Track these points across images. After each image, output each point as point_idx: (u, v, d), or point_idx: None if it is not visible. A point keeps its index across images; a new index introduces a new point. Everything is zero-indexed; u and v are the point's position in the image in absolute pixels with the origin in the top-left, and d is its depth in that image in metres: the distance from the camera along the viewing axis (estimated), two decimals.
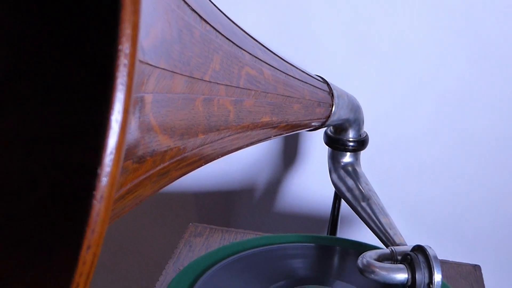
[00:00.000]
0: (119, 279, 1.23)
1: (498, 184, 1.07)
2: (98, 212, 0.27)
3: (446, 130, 1.08)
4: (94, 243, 0.27)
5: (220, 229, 0.95)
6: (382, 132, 1.08)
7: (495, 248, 1.07)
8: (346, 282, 0.83)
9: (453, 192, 1.10)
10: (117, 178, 0.29)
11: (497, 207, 1.07)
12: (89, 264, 0.27)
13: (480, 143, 1.07)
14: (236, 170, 1.14)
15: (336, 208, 0.99)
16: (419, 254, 0.76)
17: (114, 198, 0.48)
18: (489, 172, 1.08)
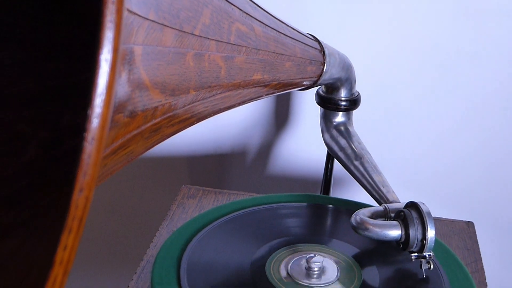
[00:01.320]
0: (113, 243, 1.23)
1: (490, 140, 1.07)
2: (89, 154, 0.27)
3: (436, 86, 1.07)
4: (87, 186, 0.27)
5: (213, 190, 0.95)
6: (374, 90, 1.08)
7: (487, 205, 1.08)
8: (341, 240, 0.83)
9: (444, 149, 1.10)
10: (108, 120, 0.28)
11: (489, 163, 1.08)
12: (81, 208, 0.27)
13: (471, 97, 1.06)
14: (228, 133, 1.13)
15: (329, 168, 0.99)
16: (412, 210, 0.76)
17: (106, 153, 0.47)
18: (481, 128, 1.08)
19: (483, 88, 1.06)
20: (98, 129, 0.27)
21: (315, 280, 0.75)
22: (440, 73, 1.07)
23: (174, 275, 0.74)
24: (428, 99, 1.08)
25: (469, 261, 0.83)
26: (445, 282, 0.76)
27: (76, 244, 0.28)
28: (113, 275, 1.26)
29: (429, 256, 0.75)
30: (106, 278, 1.27)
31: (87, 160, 0.26)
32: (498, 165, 1.08)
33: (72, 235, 0.27)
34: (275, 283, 0.74)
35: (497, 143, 1.07)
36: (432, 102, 1.08)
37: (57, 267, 0.27)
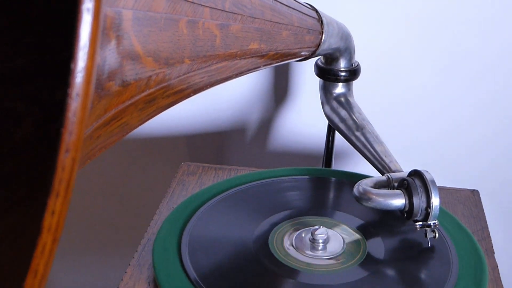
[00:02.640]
0: (113, 222, 1.22)
1: (494, 108, 1.05)
2: (74, 112, 0.25)
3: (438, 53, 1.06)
4: (73, 146, 0.26)
5: (213, 167, 0.94)
6: (374, 60, 1.06)
7: (492, 173, 1.06)
8: (344, 212, 0.81)
9: (447, 117, 1.08)
10: (93, 75, 0.27)
11: (494, 131, 1.06)
12: (68, 170, 0.26)
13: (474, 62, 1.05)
14: (227, 110, 1.12)
15: (330, 140, 0.97)
16: (416, 179, 0.75)
17: (99, 124, 0.46)
18: (485, 95, 1.06)
19: (487, 55, 1.04)
20: (83, 85, 0.26)
21: (320, 252, 0.74)
22: (443, 41, 1.05)
23: (176, 252, 0.73)
24: (430, 66, 1.07)
25: (475, 229, 0.81)
26: (451, 250, 0.74)
27: (64, 209, 0.27)
28: (114, 254, 1.25)
29: (434, 225, 0.74)
30: (107, 257, 1.26)
31: (72, 119, 0.25)
32: (502, 133, 1.06)
33: (60, 200, 0.26)
34: (279, 256, 0.73)
35: (501, 111, 1.05)
36: (434, 69, 1.06)
37: (45, 234, 0.26)
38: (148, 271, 0.73)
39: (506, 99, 1.05)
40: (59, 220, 0.27)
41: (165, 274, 0.70)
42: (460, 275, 0.71)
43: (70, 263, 1.28)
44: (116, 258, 1.26)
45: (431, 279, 0.71)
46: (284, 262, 0.72)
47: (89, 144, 0.45)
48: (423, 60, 1.06)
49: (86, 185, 1.19)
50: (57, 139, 0.25)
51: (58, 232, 0.27)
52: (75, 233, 1.24)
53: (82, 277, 1.28)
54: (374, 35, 1.06)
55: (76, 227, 1.24)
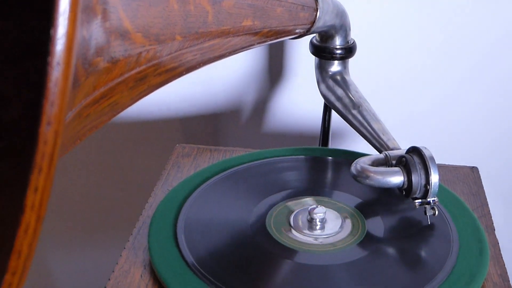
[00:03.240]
0: (108, 206, 1.20)
1: (493, 85, 1.04)
2: (56, 81, 0.24)
3: (435, 29, 1.04)
4: (55, 118, 0.24)
5: (208, 148, 0.92)
6: (370, 37, 1.05)
7: (491, 150, 1.05)
8: (342, 192, 0.80)
9: (446, 95, 1.07)
10: (74, 43, 0.25)
11: (492, 107, 1.05)
12: (51, 144, 0.24)
13: (475, 39, 1.03)
14: (221, 91, 1.10)
15: (326, 120, 0.96)
16: (414, 155, 0.74)
17: (88, 101, 0.44)
18: (483, 73, 1.05)
19: (489, 32, 1.03)
20: (64, 52, 0.24)
21: (318, 231, 0.73)
22: (440, 16, 1.03)
23: (171, 234, 0.72)
24: (427, 42, 1.05)
25: (475, 206, 0.80)
26: (451, 227, 0.73)
27: (48, 186, 0.25)
28: (110, 237, 1.24)
29: (433, 202, 0.73)
30: (102, 241, 1.25)
31: (54, 89, 0.23)
32: (501, 109, 1.05)
33: (43, 176, 0.25)
34: (276, 237, 0.72)
35: (501, 88, 1.04)
36: (431, 44, 1.05)
37: (28, 212, 0.25)
38: (143, 254, 0.71)
39: (506, 75, 1.04)
40: (43, 198, 0.25)
41: (161, 257, 0.69)
42: (460, 252, 0.70)
43: (65, 247, 1.27)
44: (111, 242, 1.25)
45: (432, 257, 0.70)
46: (282, 243, 0.71)
47: (78, 123, 0.44)
48: (420, 36, 1.04)
49: (81, 169, 1.17)
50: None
51: (42, 210, 0.25)
52: (69, 217, 1.23)
53: (77, 261, 1.28)
54: (369, 11, 1.04)
55: (70, 211, 1.22)
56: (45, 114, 0.24)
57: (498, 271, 0.70)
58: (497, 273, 0.70)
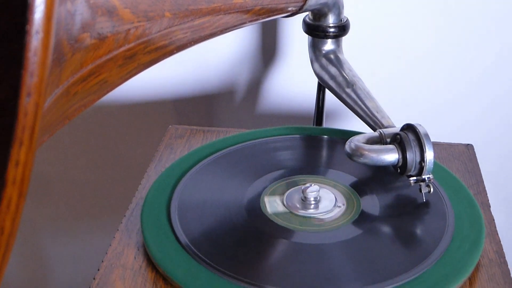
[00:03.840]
0: (100, 189, 1.20)
1: (488, 64, 1.03)
2: (35, 51, 0.23)
3: (431, 9, 1.03)
4: (35, 89, 0.23)
5: (201, 129, 0.92)
6: (363, 15, 1.04)
7: (486, 127, 1.05)
8: (337, 170, 0.80)
9: (439, 73, 1.06)
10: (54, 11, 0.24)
11: (487, 85, 1.04)
12: (31, 116, 0.23)
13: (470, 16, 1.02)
14: (214, 72, 1.09)
15: (320, 99, 0.95)
16: (409, 133, 0.73)
17: (75, 79, 0.44)
18: (478, 51, 1.04)
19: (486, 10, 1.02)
20: (43, 20, 0.23)
21: (312, 210, 0.72)
22: None
23: (165, 215, 0.71)
24: (421, 18, 1.04)
25: (470, 183, 0.80)
26: (447, 205, 0.73)
27: (30, 160, 0.25)
28: (102, 220, 1.23)
29: (428, 179, 0.72)
30: (95, 225, 1.24)
31: (33, 58, 0.23)
32: (496, 85, 1.04)
33: (24, 149, 0.24)
34: (271, 216, 0.71)
35: (495, 66, 1.03)
36: (425, 21, 1.04)
37: (10, 187, 0.24)
38: (137, 236, 0.71)
39: (501, 53, 1.03)
40: (24, 172, 0.25)
41: (155, 239, 0.68)
42: (456, 229, 0.70)
43: (57, 232, 1.26)
44: (104, 224, 1.24)
45: (427, 234, 0.69)
46: (277, 222, 0.70)
47: (66, 101, 0.43)
48: (414, 12, 1.04)
49: (72, 152, 1.17)
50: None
51: (24, 185, 0.25)
52: (61, 201, 1.22)
53: (70, 246, 1.27)
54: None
55: (62, 195, 1.22)
56: (24, 84, 0.23)
57: (494, 247, 0.70)
58: (493, 250, 0.69)
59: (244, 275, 0.63)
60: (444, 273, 0.64)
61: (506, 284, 0.65)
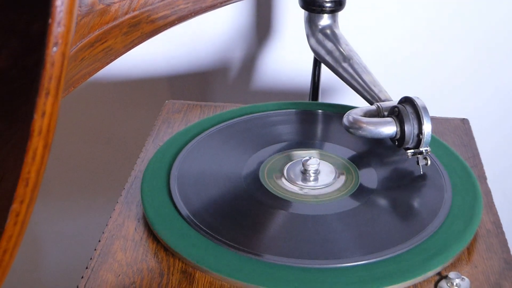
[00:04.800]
0: (99, 164, 1.20)
1: (483, 39, 1.04)
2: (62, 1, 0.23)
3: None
4: (62, 39, 0.23)
5: (198, 104, 0.92)
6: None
7: (481, 102, 1.05)
8: (336, 144, 0.80)
9: (436, 47, 1.06)
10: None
11: (483, 59, 1.04)
12: (58, 66, 0.23)
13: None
14: (209, 48, 1.09)
15: (316, 74, 0.96)
16: (407, 105, 0.74)
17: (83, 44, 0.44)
18: (474, 25, 1.04)
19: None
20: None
21: (312, 183, 0.73)
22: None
23: (165, 187, 0.72)
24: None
25: (466, 156, 0.80)
26: (444, 177, 0.74)
27: (55, 111, 0.25)
28: (102, 195, 1.23)
29: (426, 152, 0.73)
30: (93, 202, 1.24)
31: (60, 7, 0.23)
32: (492, 61, 1.04)
33: (51, 99, 0.24)
34: (270, 188, 0.72)
35: (490, 41, 1.04)
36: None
37: (35, 138, 0.24)
38: (137, 208, 0.71)
39: (496, 28, 1.03)
40: (50, 123, 0.25)
41: (155, 210, 0.68)
42: (454, 201, 0.70)
43: (50, 210, 1.26)
44: (103, 199, 1.24)
45: (425, 206, 0.70)
46: (276, 194, 0.71)
47: (74, 66, 0.43)
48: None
49: (66, 128, 1.16)
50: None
51: (50, 136, 0.25)
52: (57, 179, 1.22)
53: (63, 224, 1.27)
54: None
55: (55, 171, 1.22)
56: (51, 35, 0.23)
57: (491, 218, 0.70)
58: (490, 221, 0.70)
59: (244, 245, 0.63)
60: (442, 243, 0.65)
61: (504, 253, 0.66)
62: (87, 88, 1.11)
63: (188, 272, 0.63)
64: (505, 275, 0.63)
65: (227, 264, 0.62)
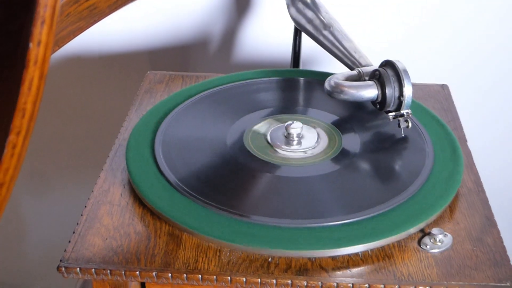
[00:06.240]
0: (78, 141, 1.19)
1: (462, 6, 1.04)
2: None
3: None
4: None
5: (180, 74, 0.92)
6: None
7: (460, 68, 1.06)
8: (318, 109, 0.81)
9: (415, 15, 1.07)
10: None
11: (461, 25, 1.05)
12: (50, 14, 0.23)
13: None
14: (189, 22, 1.09)
15: (297, 44, 0.96)
16: (387, 69, 0.74)
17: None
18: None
19: None
20: None
21: (295, 146, 0.73)
22: None
23: (149, 153, 0.72)
24: None
25: (446, 120, 0.81)
26: (426, 139, 0.75)
27: (50, 40, 0.25)
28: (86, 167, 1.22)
29: (407, 114, 0.74)
30: (75, 177, 1.24)
31: None
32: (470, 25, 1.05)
33: (46, 28, 0.24)
34: (254, 152, 0.72)
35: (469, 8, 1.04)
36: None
37: (31, 67, 0.24)
38: (122, 174, 0.71)
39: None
40: (46, 52, 0.25)
41: (140, 175, 0.69)
42: (436, 161, 0.71)
43: (33, 185, 1.25)
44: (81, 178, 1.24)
45: (408, 167, 0.71)
46: (260, 158, 0.71)
47: (60, 21, 0.43)
48: None
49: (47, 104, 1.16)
50: None
51: (45, 66, 0.25)
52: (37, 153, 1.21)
53: (46, 199, 1.27)
54: None
55: (38, 147, 1.21)
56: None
57: (472, 177, 0.72)
58: (471, 180, 0.71)
59: (230, 207, 0.64)
60: (424, 202, 0.66)
61: (485, 210, 0.67)
62: (66, 63, 1.11)
63: (175, 235, 0.63)
64: (487, 231, 0.64)
65: (214, 225, 0.62)
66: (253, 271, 0.59)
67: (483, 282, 0.58)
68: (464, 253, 0.61)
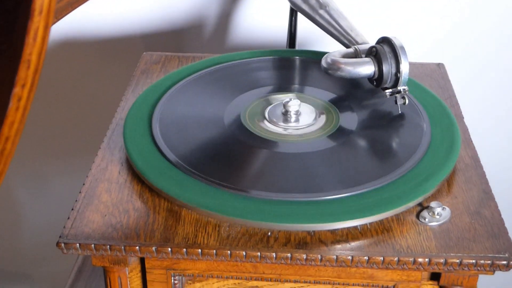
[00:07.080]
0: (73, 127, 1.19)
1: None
2: None
3: None
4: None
5: (176, 55, 0.92)
6: None
7: (457, 46, 1.06)
8: (316, 87, 0.81)
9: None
10: None
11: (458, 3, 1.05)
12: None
13: None
14: (184, 4, 1.08)
15: (292, 24, 0.96)
16: (384, 45, 0.74)
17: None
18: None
19: None
20: None
21: (294, 123, 0.73)
22: None
23: (147, 131, 0.72)
24: None
25: (443, 98, 0.82)
26: (423, 115, 0.75)
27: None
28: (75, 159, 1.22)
29: (403, 91, 0.74)
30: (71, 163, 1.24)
31: None
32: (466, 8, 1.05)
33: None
34: (252, 129, 0.72)
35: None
36: None
37: (36, 17, 0.24)
38: (119, 152, 0.71)
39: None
40: (51, 2, 0.25)
41: (138, 153, 0.69)
42: (433, 136, 0.71)
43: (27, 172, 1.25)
44: (76, 164, 1.23)
45: (405, 142, 0.71)
46: (258, 134, 0.71)
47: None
48: None
49: (42, 90, 1.16)
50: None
51: (50, 16, 0.25)
52: (32, 139, 1.21)
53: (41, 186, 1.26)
54: None
55: (32, 133, 1.21)
56: None
57: (469, 153, 0.72)
58: (469, 155, 0.71)
59: (229, 182, 0.64)
60: (423, 176, 0.66)
61: (483, 184, 0.67)
62: (61, 49, 1.10)
63: (174, 211, 0.63)
64: (484, 204, 0.65)
65: (213, 200, 0.62)
66: (253, 245, 0.59)
67: (481, 253, 0.59)
68: (463, 226, 0.62)
